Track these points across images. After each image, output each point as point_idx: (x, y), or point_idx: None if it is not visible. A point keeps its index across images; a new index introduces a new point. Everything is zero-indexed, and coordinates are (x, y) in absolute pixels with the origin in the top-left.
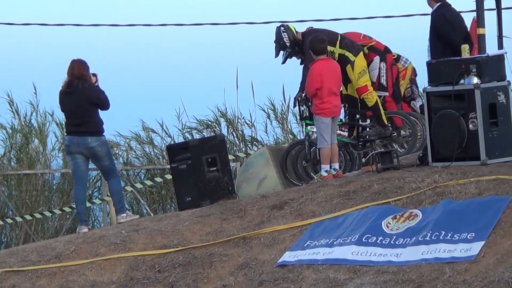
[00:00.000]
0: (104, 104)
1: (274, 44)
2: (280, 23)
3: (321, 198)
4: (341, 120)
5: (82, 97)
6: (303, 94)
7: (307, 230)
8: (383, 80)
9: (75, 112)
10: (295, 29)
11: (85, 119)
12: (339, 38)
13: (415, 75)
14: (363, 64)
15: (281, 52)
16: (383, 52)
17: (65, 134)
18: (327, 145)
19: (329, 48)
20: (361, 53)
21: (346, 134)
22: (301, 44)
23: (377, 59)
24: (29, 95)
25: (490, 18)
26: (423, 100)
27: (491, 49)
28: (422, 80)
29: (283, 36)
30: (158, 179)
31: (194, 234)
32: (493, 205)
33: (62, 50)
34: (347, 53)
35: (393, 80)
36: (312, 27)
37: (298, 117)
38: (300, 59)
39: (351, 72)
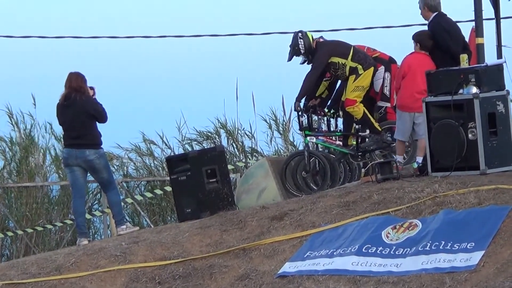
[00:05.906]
0: (101, 116)
1: (289, 49)
2: (299, 31)
3: (320, 209)
4: (340, 130)
5: (79, 109)
6: (302, 105)
7: (307, 241)
8: (386, 91)
9: (73, 125)
10: (312, 37)
11: (83, 132)
12: (351, 51)
13: None
14: (366, 82)
15: (294, 56)
16: (388, 62)
17: (63, 146)
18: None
19: (341, 60)
20: (371, 69)
21: (340, 143)
22: (314, 53)
23: (381, 69)
24: (29, 107)
25: (489, 27)
26: None
27: (490, 58)
28: None
29: (299, 43)
30: (158, 191)
31: (194, 246)
32: (492, 215)
33: (61, 63)
34: (359, 66)
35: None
36: (322, 36)
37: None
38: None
39: (351, 82)
